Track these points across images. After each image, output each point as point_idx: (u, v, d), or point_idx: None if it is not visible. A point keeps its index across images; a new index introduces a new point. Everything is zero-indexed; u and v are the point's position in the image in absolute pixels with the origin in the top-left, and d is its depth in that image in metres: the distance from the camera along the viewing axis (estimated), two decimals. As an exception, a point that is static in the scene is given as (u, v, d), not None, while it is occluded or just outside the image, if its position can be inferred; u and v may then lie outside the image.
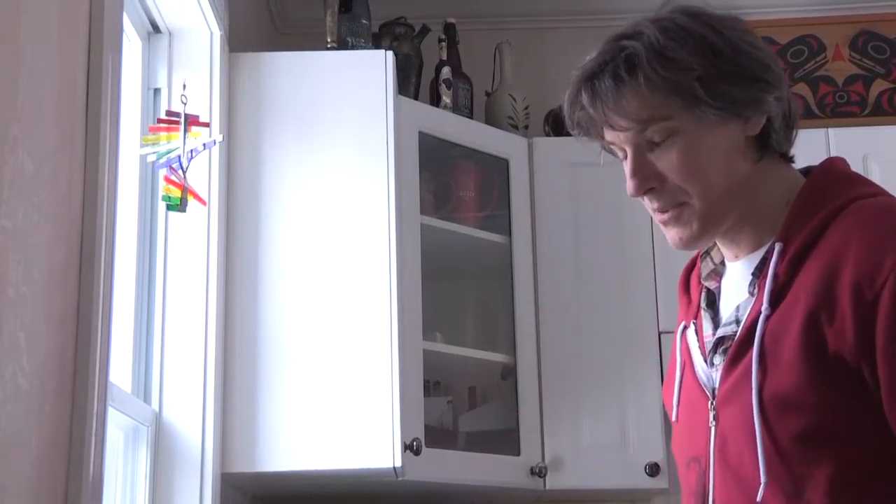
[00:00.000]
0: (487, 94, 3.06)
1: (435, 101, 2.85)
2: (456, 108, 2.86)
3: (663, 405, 2.76)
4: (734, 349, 1.20)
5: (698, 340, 1.29)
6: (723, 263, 1.30)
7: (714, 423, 1.21)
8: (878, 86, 3.14)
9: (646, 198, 1.25)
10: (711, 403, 1.22)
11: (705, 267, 1.31)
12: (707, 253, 1.32)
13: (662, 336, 2.77)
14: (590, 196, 2.88)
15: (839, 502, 1.11)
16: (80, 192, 1.46)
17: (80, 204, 1.46)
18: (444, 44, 2.95)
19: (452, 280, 2.87)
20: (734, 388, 1.19)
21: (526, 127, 3.00)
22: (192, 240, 2.24)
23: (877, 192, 1.22)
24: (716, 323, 1.27)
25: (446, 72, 2.86)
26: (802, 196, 1.21)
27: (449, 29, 2.99)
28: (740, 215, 1.23)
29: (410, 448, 2.31)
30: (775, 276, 1.18)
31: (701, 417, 1.23)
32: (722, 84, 1.18)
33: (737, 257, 1.27)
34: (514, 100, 3.01)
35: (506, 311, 2.81)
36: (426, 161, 2.66)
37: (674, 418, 1.32)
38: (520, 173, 2.87)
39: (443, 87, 2.84)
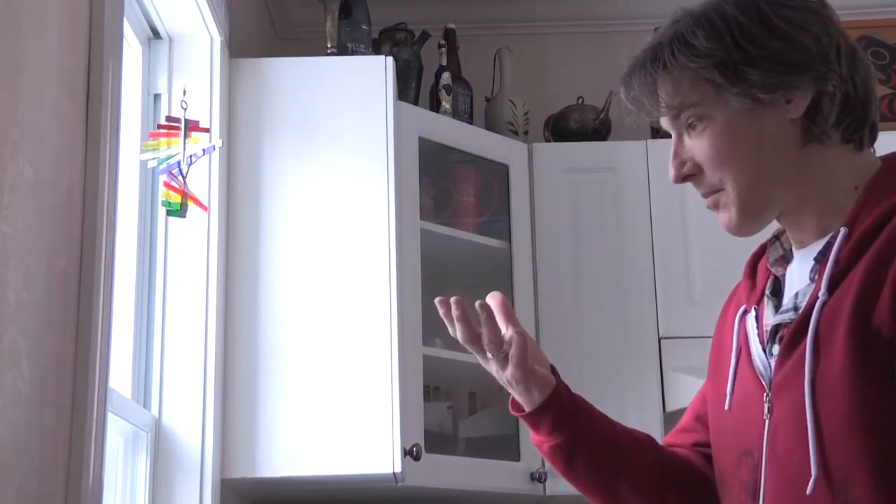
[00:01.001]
0: (487, 100, 3.07)
1: (435, 106, 2.85)
2: (456, 114, 2.87)
3: (664, 411, 2.73)
4: (788, 337, 1.16)
5: (758, 328, 1.25)
6: (792, 251, 1.26)
7: (769, 415, 1.17)
8: (879, 91, 3.14)
9: (692, 184, 1.25)
10: (767, 395, 1.18)
11: (773, 252, 1.28)
12: (777, 238, 1.29)
13: (662, 342, 2.77)
14: (589, 202, 2.88)
15: (881, 497, 1.07)
16: (81, 197, 1.46)
17: (81, 209, 1.46)
18: (443, 49, 2.95)
19: (452, 285, 2.86)
20: (787, 377, 1.15)
21: (526, 132, 3.01)
22: (192, 245, 2.24)
23: None
24: (778, 311, 1.23)
25: (446, 77, 2.87)
26: (874, 181, 1.18)
27: (449, 34, 2.99)
28: (795, 200, 1.21)
29: (410, 453, 2.31)
30: (836, 261, 1.14)
31: (755, 409, 1.19)
32: (745, 68, 1.17)
33: (802, 243, 1.24)
34: (514, 105, 3.01)
35: (506, 316, 2.80)
36: (426, 166, 2.66)
37: (727, 407, 1.25)
38: (519, 179, 2.87)
39: (443, 93, 2.85)
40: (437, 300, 1.32)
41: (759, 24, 1.18)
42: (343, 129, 2.43)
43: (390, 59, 2.50)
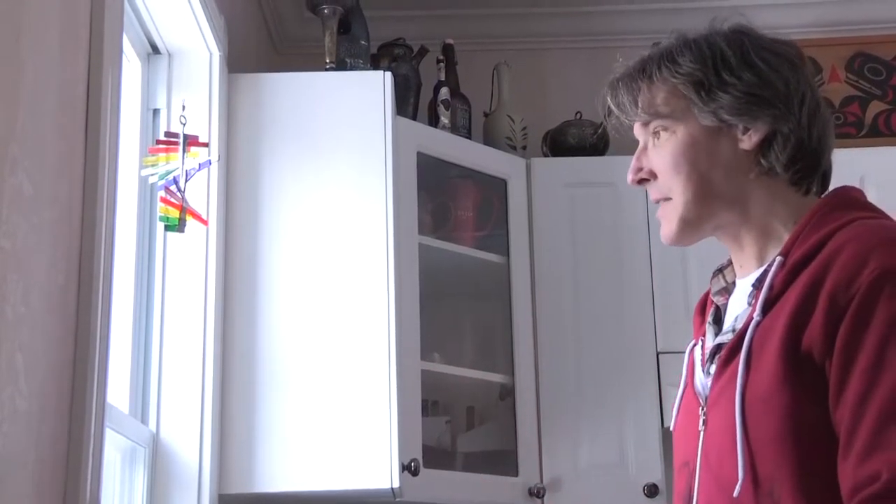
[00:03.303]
0: (485, 115, 3.07)
1: (433, 121, 2.86)
2: (454, 129, 2.87)
3: (662, 425, 2.76)
4: (724, 355, 1.26)
5: (702, 354, 1.35)
6: (734, 283, 1.37)
7: (703, 427, 1.27)
8: (875, 107, 3.16)
9: (647, 189, 1.37)
10: (702, 409, 1.28)
11: (716, 284, 1.39)
12: (720, 271, 1.40)
13: (660, 356, 2.77)
14: (588, 216, 2.88)
15: (804, 503, 1.14)
16: (80, 212, 1.46)
17: (79, 224, 1.46)
18: (442, 64, 2.96)
19: (450, 300, 2.87)
20: (721, 391, 1.24)
21: (524, 147, 3.01)
22: (190, 260, 2.24)
23: (881, 216, 1.27)
24: (717, 335, 1.34)
25: (444, 92, 2.87)
26: (810, 215, 1.27)
27: (447, 50, 3.00)
28: (735, 220, 1.32)
29: (408, 469, 2.30)
30: (770, 286, 1.24)
31: (693, 423, 1.29)
32: (717, 91, 1.29)
33: (742, 268, 1.34)
34: (512, 120, 3.02)
35: (504, 331, 2.81)
36: (424, 181, 2.66)
37: (672, 427, 1.38)
38: (518, 193, 2.88)
39: (441, 108, 2.85)
40: None
41: (740, 57, 1.31)
42: (342, 143, 2.43)
43: (389, 74, 2.51)
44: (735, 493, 1.17)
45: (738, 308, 1.31)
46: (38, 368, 1.32)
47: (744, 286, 1.32)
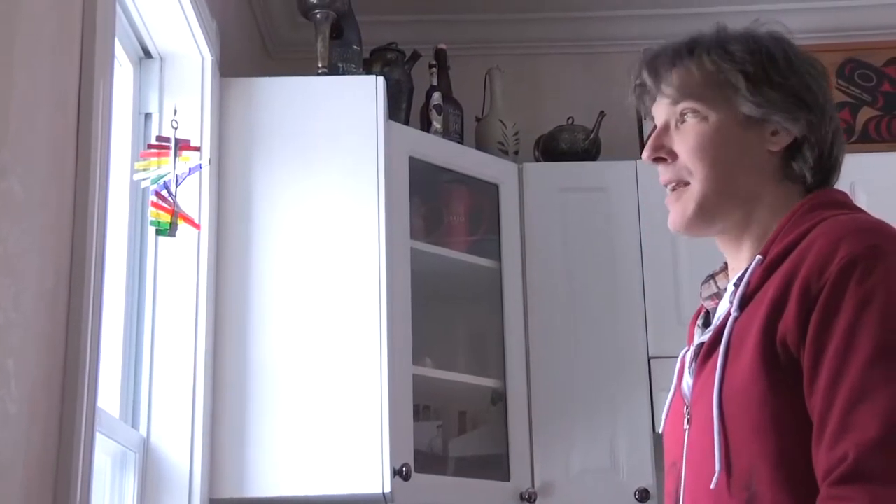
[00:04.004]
0: (478, 120, 3.08)
1: (425, 126, 2.86)
2: (446, 134, 2.87)
3: (653, 430, 2.77)
4: (703, 352, 1.27)
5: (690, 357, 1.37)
6: (726, 289, 1.37)
7: (688, 426, 1.28)
8: (865, 113, 3.17)
9: (659, 169, 1.35)
10: (686, 408, 1.29)
11: (707, 290, 1.39)
12: (712, 277, 1.39)
13: (652, 361, 2.77)
14: (579, 221, 2.89)
15: (780, 496, 1.15)
16: (71, 217, 1.46)
17: (70, 229, 1.46)
18: (434, 69, 2.96)
19: (442, 305, 2.87)
20: (702, 388, 1.26)
21: (516, 152, 3.02)
22: (181, 264, 2.23)
23: (858, 213, 1.29)
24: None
25: (437, 97, 2.87)
26: (790, 215, 1.29)
27: (439, 55, 3.00)
28: (737, 223, 1.32)
29: (400, 473, 2.30)
30: (747, 283, 1.25)
31: (679, 423, 1.31)
32: (765, 86, 1.30)
33: (735, 270, 1.34)
34: (505, 125, 3.02)
35: (496, 335, 2.81)
36: (416, 186, 2.67)
37: (660, 430, 1.40)
38: (510, 198, 2.88)
39: (433, 113, 2.86)
40: None
41: (785, 59, 1.32)
42: (334, 148, 2.43)
43: (381, 79, 2.51)
44: (712, 485, 1.18)
45: (723, 309, 1.32)
46: (29, 373, 1.32)
47: (730, 287, 1.33)
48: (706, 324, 1.37)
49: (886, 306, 1.13)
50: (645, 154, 1.35)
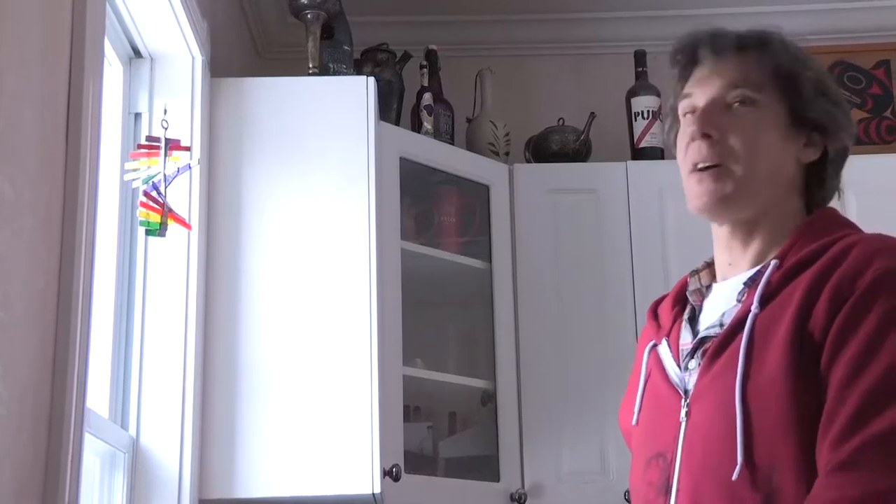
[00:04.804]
0: (468, 121, 3.08)
1: (416, 127, 2.86)
2: (437, 134, 2.87)
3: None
4: (715, 346, 1.28)
5: (672, 352, 1.37)
6: (709, 287, 1.39)
7: (685, 419, 1.28)
8: (855, 116, 3.16)
9: (694, 145, 1.33)
10: (684, 401, 1.29)
11: (693, 283, 1.41)
12: (696, 272, 1.42)
13: (642, 362, 2.77)
14: (570, 222, 2.89)
15: (801, 491, 1.16)
16: (60, 217, 1.45)
17: (60, 229, 1.45)
18: (425, 70, 2.96)
19: (433, 305, 2.87)
20: (711, 383, 1.26)
21: (507, 153, 3.02)
22: (171, 265, 2.23)
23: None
24: (695, 333, 1.35)
25: (427, 98, 2.87)
26: (804, 227, 1.33)
27: (430, 55, 3.00)
28: (752, 219, 1.34)
29: (390, 474, 2.30)
30: (768, 283, 1.27)
31: (670, 416, 1.30)
32: (821, 98, 1.36)
33: (731, 266, 1.36)
34: (495, 126, 3.03)
35: (486, 336, 2.81)
36: (407, 186, 2.67)
37: (634, 422, 1.39)
38: (500, 199, 2.88)
39: (424, 113, 2.86)
40: None
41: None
42: (324, 149, 2.43)
43: (372, 79, 2.51)
44: (734, 477, 1.18)
45: (723, 306, 1.33)
46: (18, 373, 1.31)
47: (731, 285, 1.34)
48: (691, 319, 1.37)
49: None
50: (698, 125, 1.33)
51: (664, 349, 1.38)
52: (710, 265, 1.42)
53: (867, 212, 2.88)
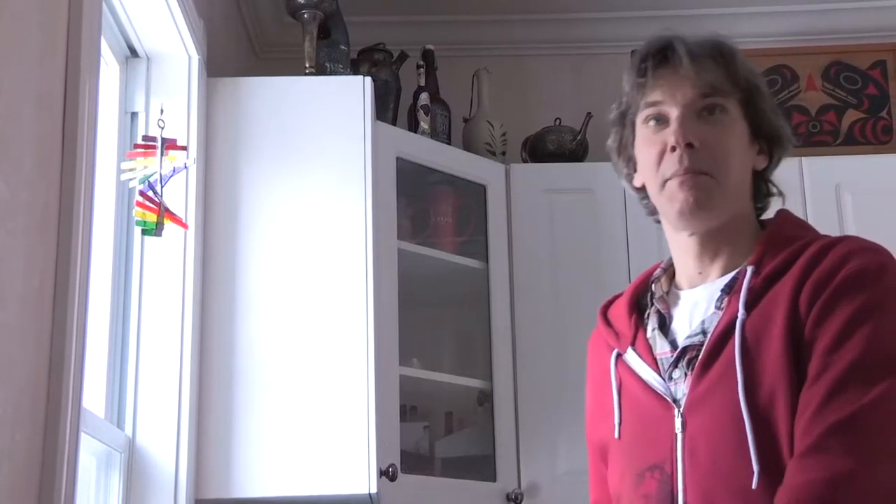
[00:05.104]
0: (465, 121, 3.08)
1: (413, 126, 2.86)
2: (434, 134, 2.88)
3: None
4: (706, 354, 1.28)
5: (645, 360, 1.36)
6: (668, 293, 1.41)
7: (682, 429, 1.28)
8: (851, 116, 3.18)
9: (674, 155, 1.33)
10: (678, 411, 1.28)
11: (657, 290, 1.42)
12: (657, 279, 1.44)
13: (638, 362, 2.77)
14: (566, 223, 2.89)
15: None
16: (56, 216, 1.45)
17: (56, 229, 1.45)
18: (422, 70, 2.96)
19: (429, 305, 2.87)
20: (709, 391, 1.26)
21: (503, 153, 3.02)
22: (167, 264, 2.23)
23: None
24: (671, 342, 1.35)
25: (424, 98, 2.88)
26: (775, 231, 1.36)
27: (427, 55, 3.00)
28: (721, 228, 1.35)
29: (386, 474, 2.30)
30: (750, 288, 1.28)
31: (661, 427, 1.30)
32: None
33: (701, 275, 1.37)
34: (492, 126, 3.03)
35: (483, 336, 2.81)
36: (404, 186, 2.67)
37: (617, 436, 1.37)
38: (497, 199, 2.88)
39: (421, 113, 2.86)
40: None
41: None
42: (321, 148, 2.43)
43: (368, 79, 2.51)
44: (753, 485, 1.19)
45: (697, 315, 1.33)
46: (14, 373, 1.31)
47: (704, 293, 1.35)
48: (661, 327, 1.37)
49: (884, 315, 1.21)
50: (679, 137, 1.32)
51: (633, 358, 1.37)
52: (665, 270, 1.44)
53: (863, 212, 2.89)
